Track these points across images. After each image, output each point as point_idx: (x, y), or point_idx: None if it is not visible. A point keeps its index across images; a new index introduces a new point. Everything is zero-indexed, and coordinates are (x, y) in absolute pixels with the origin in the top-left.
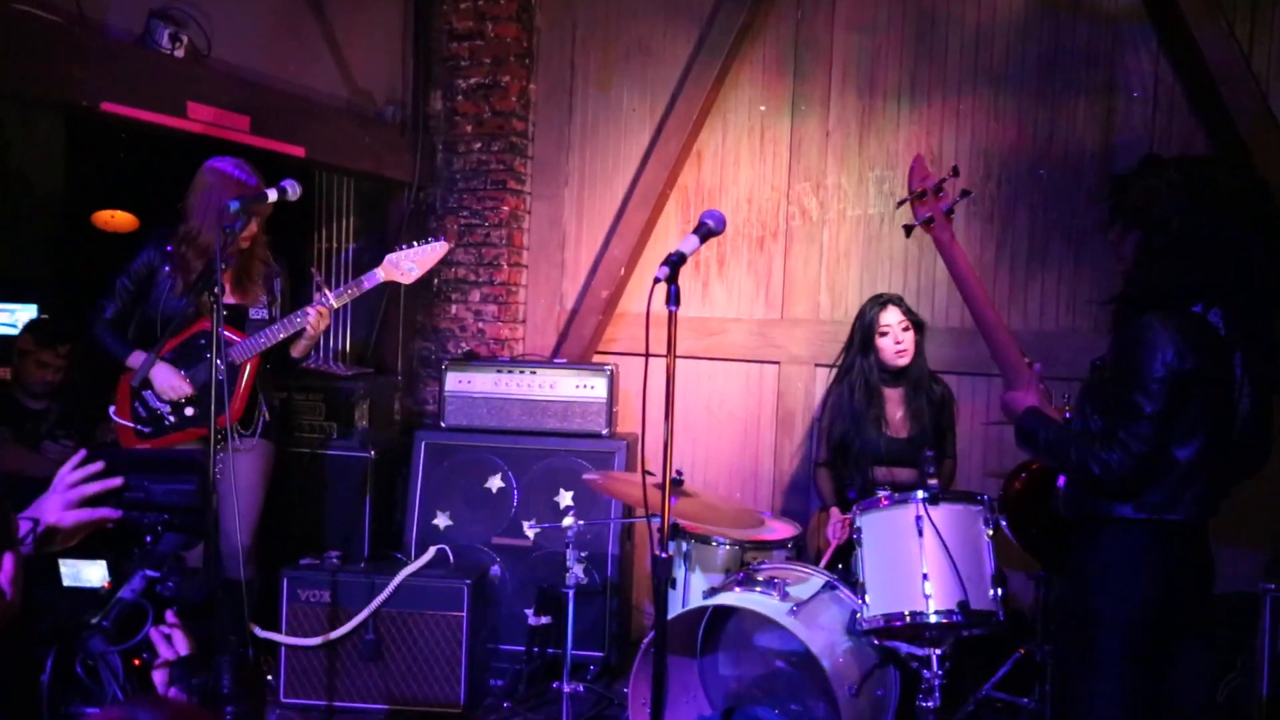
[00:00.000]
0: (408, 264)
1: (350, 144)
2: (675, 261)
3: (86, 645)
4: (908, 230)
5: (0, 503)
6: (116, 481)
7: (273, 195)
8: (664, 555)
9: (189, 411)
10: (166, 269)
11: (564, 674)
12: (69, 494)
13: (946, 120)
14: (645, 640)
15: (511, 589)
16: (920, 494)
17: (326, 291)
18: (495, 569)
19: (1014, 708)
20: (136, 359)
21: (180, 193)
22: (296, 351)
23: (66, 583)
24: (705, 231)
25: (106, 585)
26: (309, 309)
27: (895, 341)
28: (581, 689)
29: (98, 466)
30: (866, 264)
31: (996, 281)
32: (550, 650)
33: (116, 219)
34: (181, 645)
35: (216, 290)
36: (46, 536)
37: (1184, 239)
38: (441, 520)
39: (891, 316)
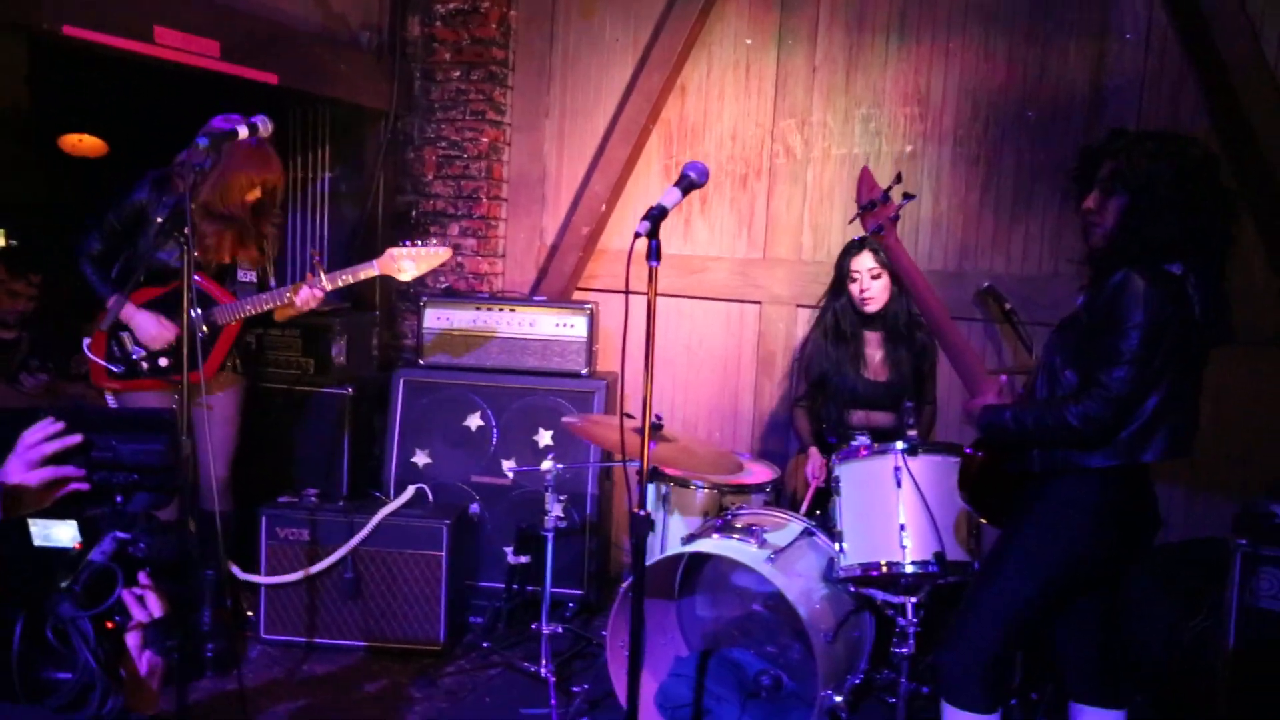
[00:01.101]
0: (406, 262)
1: (325, 71)
2: (656, 216)
3: (56, 610)
4: (857, 244)
5: None
6: (75, 439)
7: (243, 131)
8: (642, 514)
9: (163, 362)
10: (159, 217)
11: (543, 616)
12: (30, 454)
13: (935, 59)
14: (624, 585)
15: (491, 527)
16: (899, 445)
17: (321, 274)
18: (474, 507)
19: None
20: (118, 303)
21: (151, 118)
22: (279, 317)
23: (36, 542)
24: (687, 184)
25: (77, 546)
26: (303, 288)
27: (861, 289)
28: (560, 629)
29: (58, 426)
30: (850, 204)
31: (980, 224)
32: (529, 588)
33: (84, 143)
34: (155, 607)
35: (188, 230)
36: (14, 500)
37: (1169, 201)
38: (420, 458)
39: (862, 263)
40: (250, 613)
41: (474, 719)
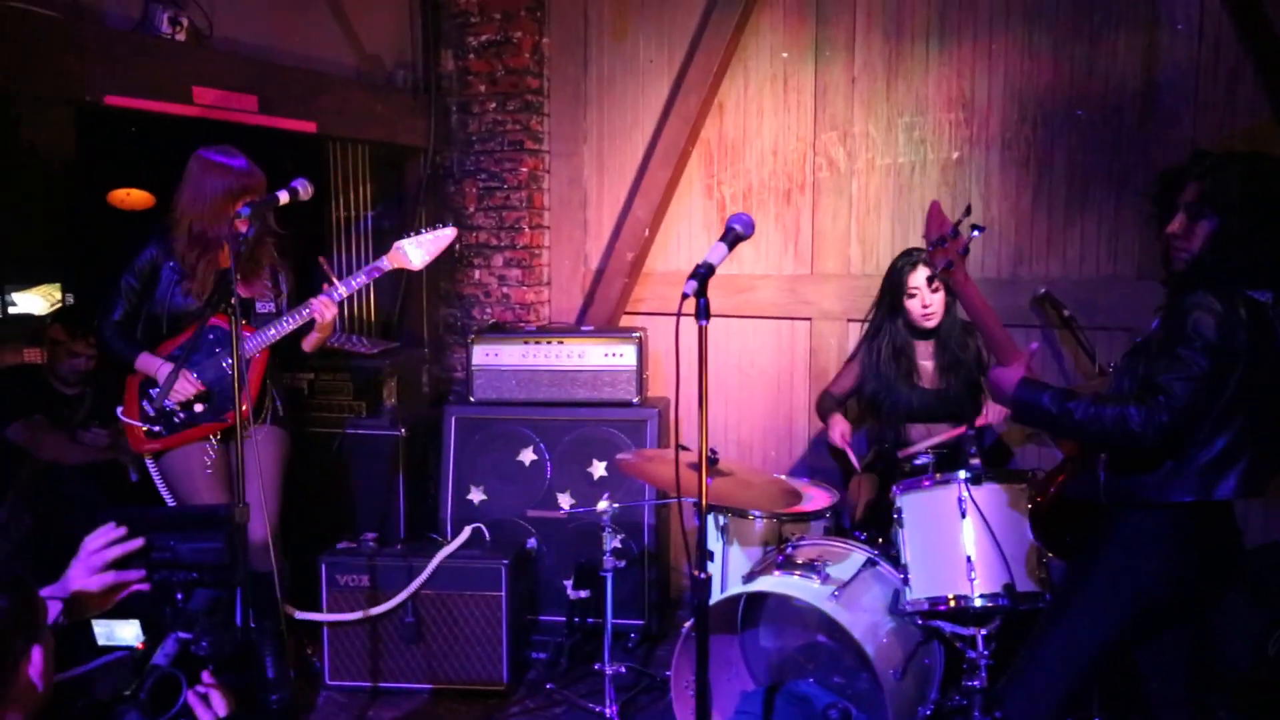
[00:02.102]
0: (414, 250)
1: (362, 114)
2: (703, 275)
3: None
4: (932, 279)
5: (27, 592)
6: (138, 543)
7: (284, 197)
8: (703, 577)
9: (198, 408)
10: (170, 265)
11: (605, 656)
12: (93, 559)
13: (978, 61)
14: (686, 626)
15: (550, 560)
16: (962, 474)
17: (335, 281)
18: (532, 541)
19: None
20: (146, 361)
21: None
22: (308, 345)
23: (100, 642)
24: (734, 238)
25: (140, 645)
26: (315, 300)
27: (923, 305)
28: (624, 670)
29: (120, 532)
30: (898, 215)
31: (1034, 228)
32: (590, 620)
33: (132, 197)
34: (219, 706)
35: (234, 301)
36: (78, 605)
37: (1261, 225)
38: (476, 495)
39: (920, 277)
40: (315, 659)
41: None
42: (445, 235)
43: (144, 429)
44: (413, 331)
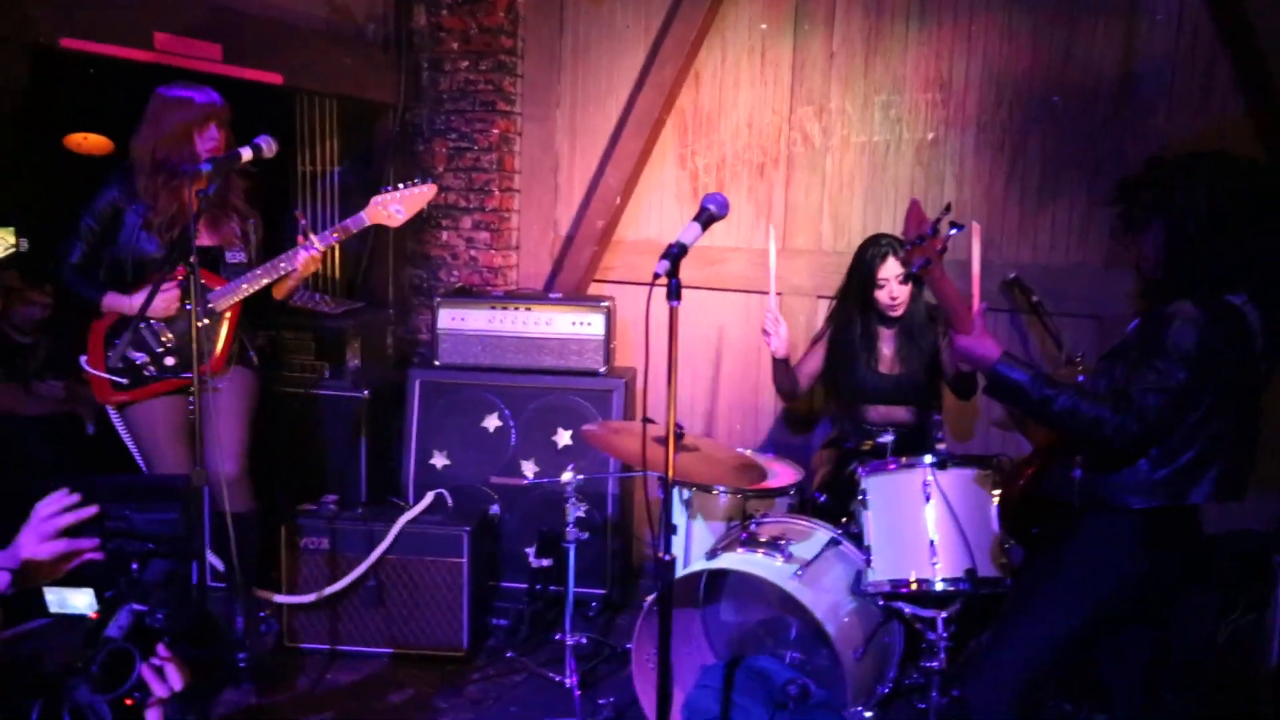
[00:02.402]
0: (395, 206)
1: (330, 66)
2: (676, 255)
3: (73, 695)
4: (908, 278)
5: None
6: (91, 510)
7: (247, 154)
8: (667, 558)
9: (169, 361)
10: (134, 208)
11: (566, 627)
12: (44, 526)
13: (957, 42)
14: (649, 600)
15: (512, 527)
16: (928, 459)
17: (312, 236)
18: (495, 508)
19: None
20: (114, 300)
21: None
22: (279, 294)
23: (52, 609)
24: (708, 218)
25: (94, 615)
26: (298, 252)
27: (891, 296)
28: (584, 640)
29: (73, 499)
30: (871, 193)
31: (1006, 214)
32: (552, 588)
33: (89, 141)
34: (175, 679)
35: (193, 260)
36: (28, 574)
37: (1215, 228)
38: (439, 460)
39: (890, 269)
40: (271, 620)
41: None
42: (424, 192)
43: (110, 380)
44: (378, 292)
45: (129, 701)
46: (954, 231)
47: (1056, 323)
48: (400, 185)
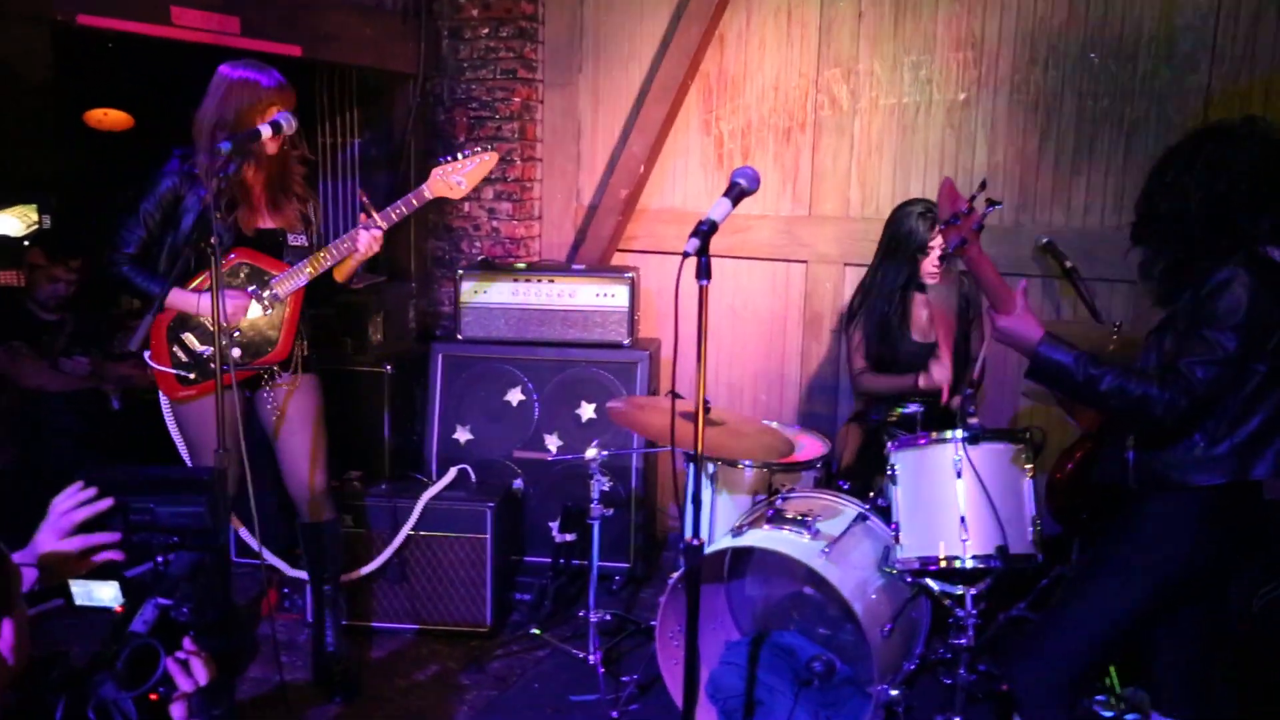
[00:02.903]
0: (456, 177)
1: (349, 37)
2: (706, 232)
3: (98, 692)
4: (944, 258)
5: (2, 564)
6: (106, 503)
7: (266, 131)
8: (695, 542)
9: (235, 353)
10: (195, 192)
11: (590, 604)
12: (61, 521)
13: None
14: (673, 577)
15: (535, 501)
16: (959, 433)
17: (375, 214)
18: (518, 482)
19: None
20: (179, 297)
21: (176, 88)
22: (341, 275)
23: (78, 602)
24: (738, 193)
25: (119, 609)
26: (359, 231)
27: (934, 264)
28: (609, 616)
29: (88, 493)
30: (900, 157)
31: (1039, 175)
32: (575, 562)
33: (110, 117)
34: (200, 674)
35: (214, 240)
36: (52, 570)
37: (1218, 191)
38: (462, 435)
39: (939, 237)
40: (295, 598)
41: (524, 705)
42: (487, 160)
43: (176, 375)
44: (400, 264)
45: (154, 697)
46: (990, 210)
47: (1090, 288)
48: (461, 154)
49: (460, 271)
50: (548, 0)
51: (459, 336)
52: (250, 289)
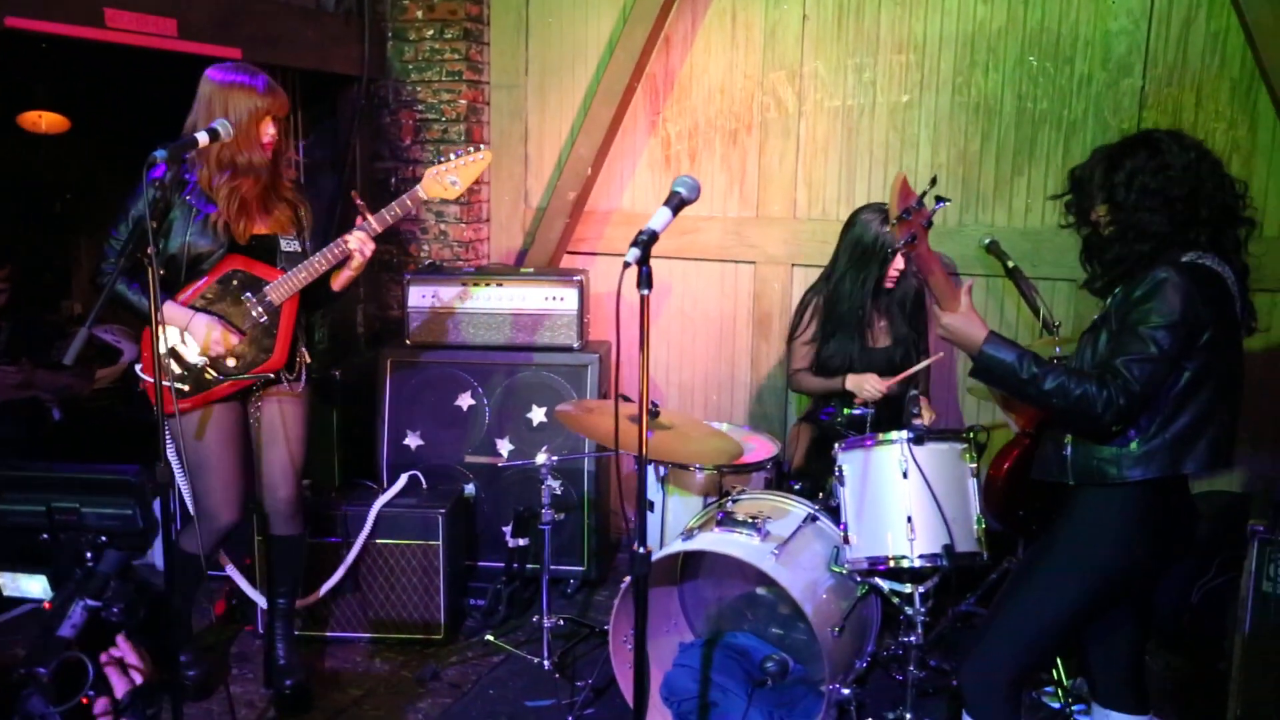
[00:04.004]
0: (450, 178)
1: (291, 40)
2: (646, 241)
3: (25, 707)
4: (893, 253)
5: None
6: None
7: (203, 139)
8: (642, 550)
9: (230, 363)
10: (187, 199)
11: (544, 609)
12: None
13: (931, 2)
14: (625, 581)
15: (488, 505)
16: (905, 434)
17: (368, 216)
18: (470, 487)
19: None
20: (174, 311)
21: (114, 90)
22: (337, 284)
23: (6, 593)
24: (678, 202)
25: (47, 605)
26: (350, 235)
27: (896, 269)
28: (562, 622)
29: None
30: (845, 158)
31: (981, 175)
32: (529, 566)
33: (45, 120)
34: (136, 673)
35: (151, 252)
36: None
37: (1148, 186)
38: (412, 440)
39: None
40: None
41: (480, 713)
42: (480, 160)
43: (171, 389)
44: None
45: (85, 700)
46: (940, 205)
47: (1031, 286)
48: (454, 154)
49: (408, 276)
50: (493, 2)
51: (407, 342)
52: (245, 297)
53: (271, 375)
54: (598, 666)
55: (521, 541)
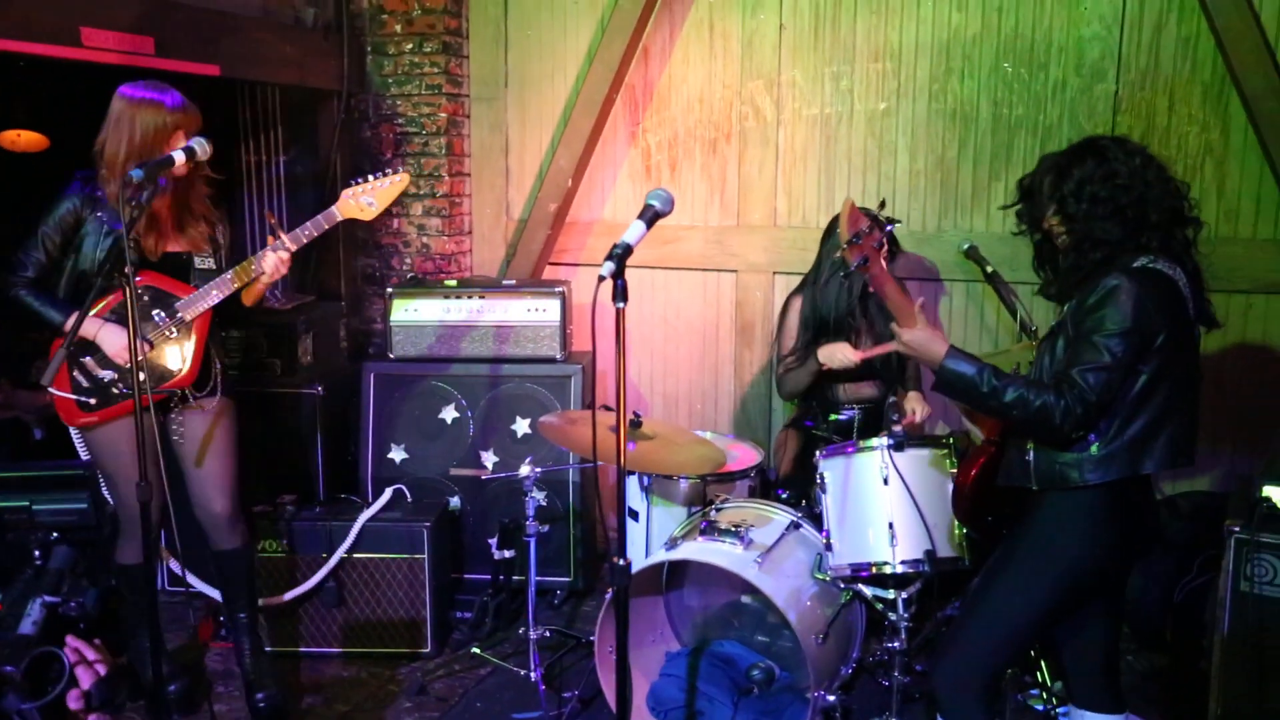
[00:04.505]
0: (366, 199)
1: (269, 56)
2: (620, 255)
3: (2, 705)
4: (847, 276)
5: None
6: None
7: (179, 157)
8: (622, 562)
9: (140, 376)
10: (98, 216)
11: (529, 621)
12: None
13: (906, 11)
14: (610, 593)
15: (474, 518)
16: (885, 441)
17: (282, 235)
18: (455, 500)
19: None
20: (85, 322)
21: (94, 108)
22: (249, 300)
23: None
24: (652, 215)
25: None
26: (266, 253)
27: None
28: (548, 633)
29: None
30: (824, 166)
31: (960, 181)
32: (516, 577)
33: (23, 139)
34: (100, 665)
35: (128, 270)
36: None
37: (1098, 194)
38: (397, 454)
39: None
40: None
41: None
42: (398, 182)
43: (77, 400)
44: (329, 283)
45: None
46: (890, 227)
47: (1011, 290)
48: (371, 176)
49: (390, 290)
50: (472, 15)
51: (390, 355)
52: (155, 314)
53: (180, 391)
54: (584, 677)
55: (508, 553)
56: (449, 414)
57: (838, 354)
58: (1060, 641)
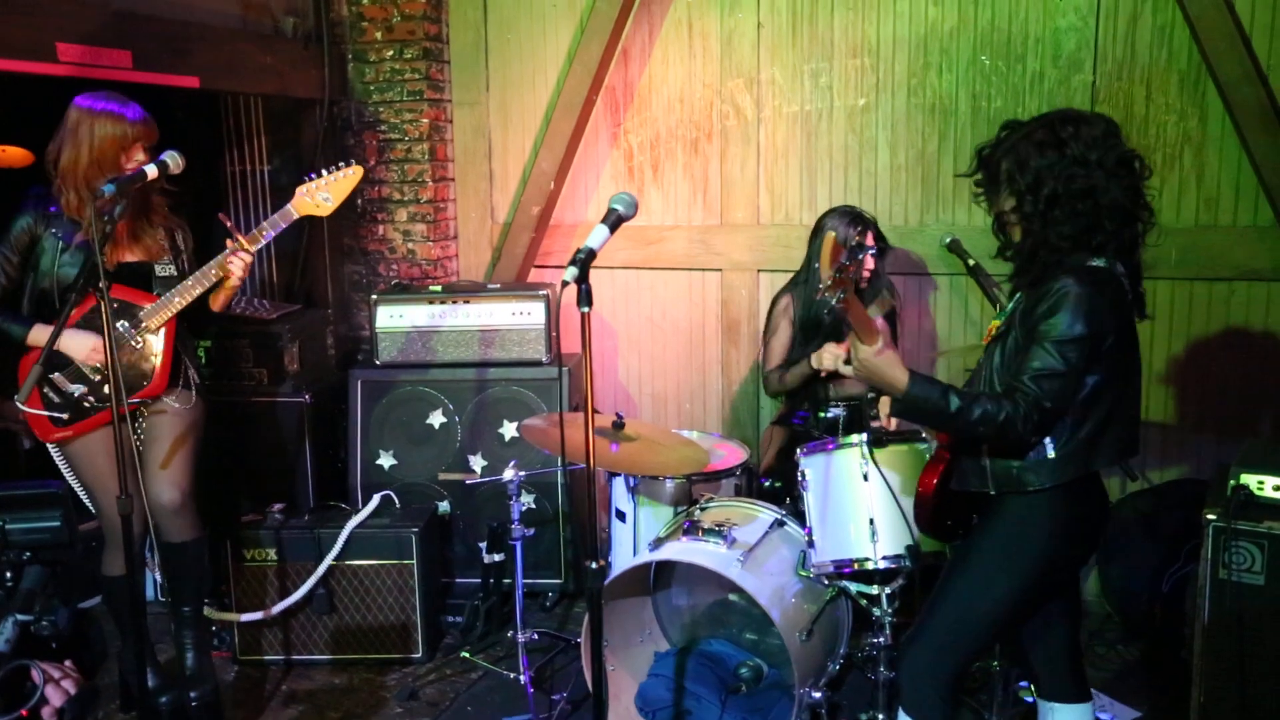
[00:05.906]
0: (322, 195)
1: (249, 66)
2: (584, 260)
3: None
4: (830, 313)
5: None
6: None
7: (152, 171)
8: (594, 566)
9: (108, 389)
10: (53, 232)
11: (518, 624)
12: None
13: (883, 6)
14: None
15: (464, 522)
16: (864, 437)
17: (240, 237)
18: (444, 505)
19: None
20: (41, 334)
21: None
22: (216, 305)
23: None
24: (615, 219)
25: None
26: (224, 259)
27: (867, 269)
28: (535, 636)
29: None
30: (805, 163)
31: (940, 175)
32: (506, 580)
33: (7, 154)
34: (71, 683)
35: (102, 284)
36: None
37: (1060, 193)
38: (385, 460)
39: (870, 240)
40: (222, 634)
41: None
42: (351, 175)
43: (49, 417)
44: (316, 291)
45: (25, 712)
46: (860, 255)
47: (994, 284)
48: (325, 171)
49: (375, 297)
50: (451, 20)
51: (377, 362)
52: (119, 324)
53: (151, 400)
54: (573, 679)
55: (497, 557)
56: (437, 419)
57: (825, 355)
58: (1028, 642)
